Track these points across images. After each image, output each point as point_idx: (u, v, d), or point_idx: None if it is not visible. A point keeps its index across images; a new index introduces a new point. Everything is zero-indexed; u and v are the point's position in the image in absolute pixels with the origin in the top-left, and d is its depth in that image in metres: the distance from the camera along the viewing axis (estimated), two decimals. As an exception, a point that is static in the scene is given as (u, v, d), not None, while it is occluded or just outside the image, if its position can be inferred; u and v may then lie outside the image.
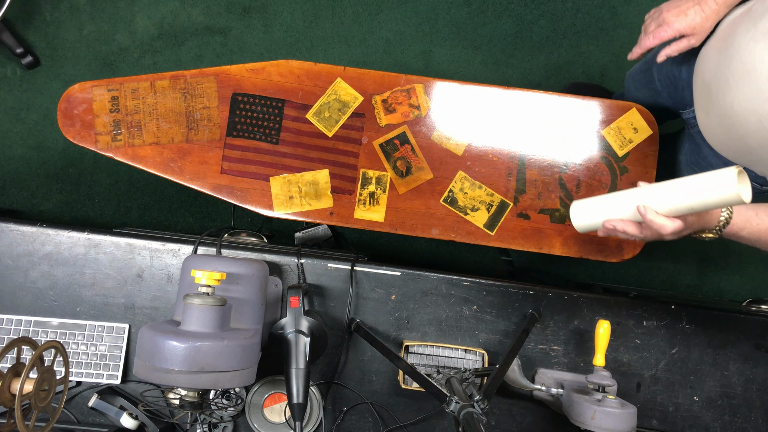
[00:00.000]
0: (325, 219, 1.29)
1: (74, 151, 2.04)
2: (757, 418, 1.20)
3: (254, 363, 0.98)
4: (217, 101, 1.29)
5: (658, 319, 1.20)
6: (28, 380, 0.80)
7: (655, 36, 1.08)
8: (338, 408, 1.18)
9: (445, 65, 2.11)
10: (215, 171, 1.28)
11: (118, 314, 1.17)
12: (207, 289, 0.95)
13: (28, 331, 1.14)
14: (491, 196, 1.29)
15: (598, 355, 1.08)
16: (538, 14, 2.10)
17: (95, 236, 1.18)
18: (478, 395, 0.92)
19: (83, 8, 2.05)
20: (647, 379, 1.20)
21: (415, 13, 2.10)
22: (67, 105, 1.28)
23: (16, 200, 2.03)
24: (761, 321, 1.21)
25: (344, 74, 1.30)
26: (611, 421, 0.98)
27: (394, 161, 1.29)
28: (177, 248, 1.18)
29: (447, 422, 1.19)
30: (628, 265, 2.12)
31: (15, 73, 2.03)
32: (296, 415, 0.98)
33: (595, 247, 1.28)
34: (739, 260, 2.12)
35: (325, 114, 1.30)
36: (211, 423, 1.14)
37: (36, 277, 1.16)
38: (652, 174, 1.29)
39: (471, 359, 1.16)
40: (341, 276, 1.19)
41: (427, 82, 1.30)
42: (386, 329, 1.19)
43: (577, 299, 1.20)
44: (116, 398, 1.12)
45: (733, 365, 1.20)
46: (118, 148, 1.28)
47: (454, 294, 1.19)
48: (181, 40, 2.07)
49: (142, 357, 0.91)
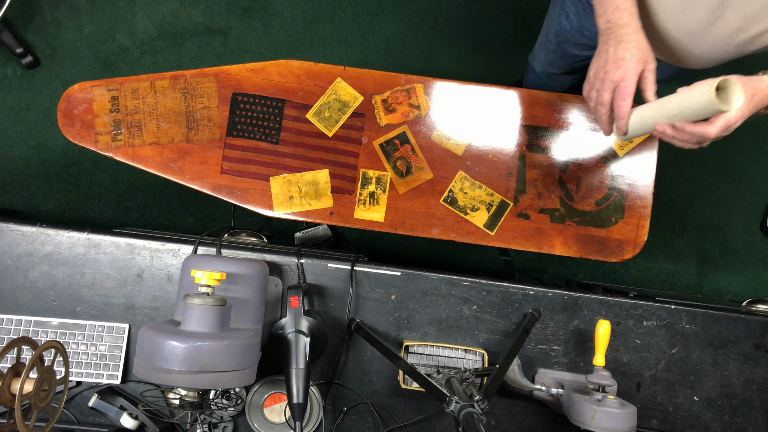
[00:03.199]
0: (325, 219, 1.29)
1: (74, 151, 2.04)
2: (757, 418, 1.20)
3: (254, 363, 0.97)
4: (217, 101, 1.29)
5: (658, 319, 1.20)
6: (28, 380, 0.80)
7: (623, 100, 0.97)
8: (338, 408, 1.18)
9: (445, 65, 2.11)
10: (215, 171, 1.28)
11: (118, 314, 1.17)
12: (207, 289, 0.95)
13: (28, 331, 1.14)
14: (491, 196, 1.29)
15: (598, 355, 1.08)
16: (538, 14, 2.11)
17: (95, 236, 1.18)
18: (478, 395, 0.92)
19: (83, 8, 2.05)
20: (647, 379, 1.20)
21: (415, 13, 2.11)
22: (67, 105, 1.28)
23: (16, 200, 2.03)
24: (761, 321, 1.21)
25: (344, 74, 1.30)
26: (611, 421, 0.98)
27: (394, 161, 1.29)
28: (177, 248, 1.18)
29: (447, 422, 1.19)
30: (628, 265, 2.12)
31: (15, 73, 2.03)
32: (296, 415, 0.98)
33: (595, 247, 1.28)
34: (739, 260, 2.13)
35: (325, 114, 1.30)
36: (211, 423, 1.14)
37: (36, 277, 1.16)
38: (652, 174, 1.29)
39: (471, 359, 1.16)
40: (341, 276, 1.19)
41: (427, 82, 1.30)
42: (386, 329, 1.19)
43: (577, 299, 1.20)
44: (116, 398, 1.12)
45: (733, 365, 1.20)
46: (118, 148, 1.28)
47: (454, 294, 1.19)
48: (181, 40, 2.07)
49: (142, 357, 0.91)
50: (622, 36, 0.96)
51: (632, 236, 1.29)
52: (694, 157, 2.13)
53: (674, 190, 2.12)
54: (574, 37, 1.29)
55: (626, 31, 0.96)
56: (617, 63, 0.96)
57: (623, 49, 0.96)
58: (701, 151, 2.12)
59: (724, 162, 2.13)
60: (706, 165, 2.14)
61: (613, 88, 0.97)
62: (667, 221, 2.12)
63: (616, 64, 0.96)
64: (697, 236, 2.12)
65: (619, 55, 0.96)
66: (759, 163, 2.14)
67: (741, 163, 2.14)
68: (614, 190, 1.29)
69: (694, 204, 2.12)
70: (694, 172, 2.13)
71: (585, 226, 1.29)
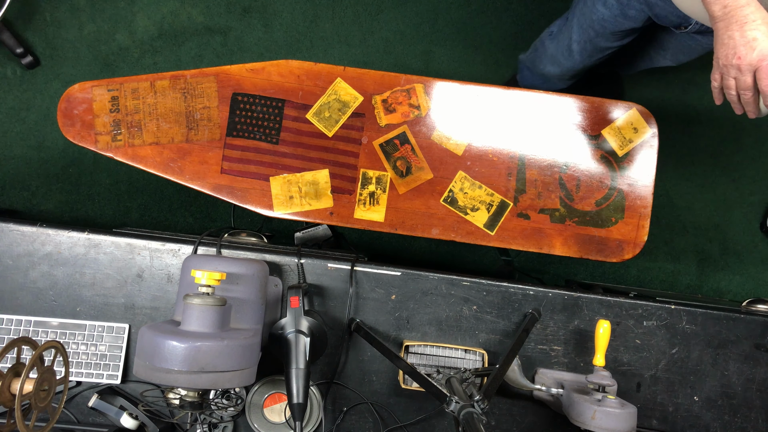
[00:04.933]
0: (325, 219, 1.29)
1: (74, 151, 2.04)
2: (757, 418, 1.20)
3: (254, 363, 0.98)
4: (217, 101, 1.29)
5: (658, 319, 1.20)
6: (28, 380, 0.80)
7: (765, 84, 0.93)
8: (338, 408, 1.18)
9: (445, 65, 2.11)
10: (215, 171, 1.28)
11: (118, 314, 1.17)
12: (207, 289, 0.95)
13: (28, 331, 1.14)
14: (491, 196, 1.29)
15: (598, 355, 1.08)
16: (538, 14, 2.11)
17: (95, 236, 1.18)
18: (478, 395, 0.92)
19: (83, 8, 2.05)
20: (647, 379, 1.20)
21: (415, 13, 2.11)
22: (67, 105, 1.28)
23: (16, 200, 2.03)
24: (761, 321, 1.21)
25: (344, 74, 1.30)
26: (611, 421, 0.98)
27: (394, 161, 1.29)
28: (177, 248, 1.18)
29: (447, 422, 1.19)
30: (628, 265, 2.12)
31: (15, 73, 2.03)
32: (296, 415, 0.98)
33: (595, 247, 1.28)
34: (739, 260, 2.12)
35: (325, 114, 1.30)
36: (211, 423, 1.14)
37: (36, 277, 1.16)
38: (652, 174, 1.29)
39: (471, 359, 1.16)
40: (341, 276, 1.19)
41: (427, 82, 1.30)
42: (386, 329, 1.19)
43: (577, 299, 1.20)
44: (116, 398, 1.12)
45: (733, 365, 1.20)
46: (118, 148, 1.28)
47: (454, 294, 1.19)
48: (181, 40, 2.07)
49: (142, 357, 0.91)
50: (745, 17, 0.94)
51: (632, 236, 1.29)
52: (694, 157, 2.13)
53: (674, 190, 2.12)
54: (614, 25, 1.26)
55: (748, 11, 0.94)
56: (750, 45, 0.94)
57: (751, 29, 0.94)
58: (701, 151, 2.12)
59: (724, 162, 2.13)
60: (706, 165, 2.14)
61: (753, 70, 0.95)
62: (667, 221, 2.12)
63: (749, 46, 0.94)
64: (697, 236, 2.12)
65: (750, 36, 0.94)
66: (759, 163, 2.14)
67: (741, 163, 2.14)
68: (614, 190, 1.29)
69: (694, 204, 2.12)
70: (694, 172, 2.13)
71: (585, 226, 1.29)
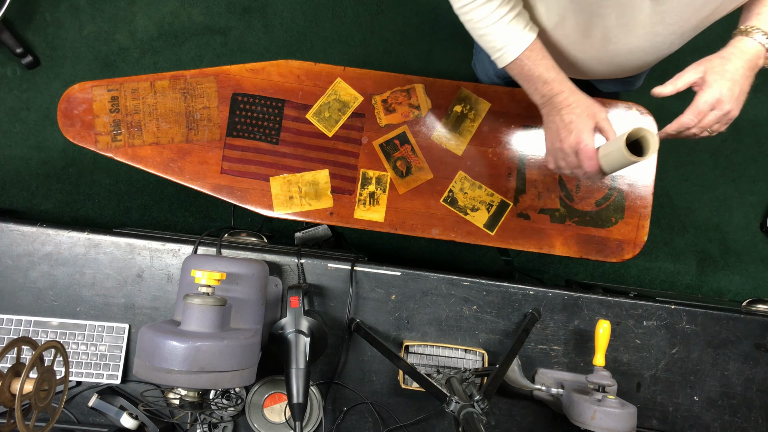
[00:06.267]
0: (325, 219, 1.29)
1: (74, 151, 2.04)
2: (757, 418, 1.20)
3: (254, 363, 0.98)
4: (217, 101, 1.29)
5: (658, 319, 1.20)
6: (28, 380, 0.80)
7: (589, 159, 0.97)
8: (338, 408, 1.18)
9: (445, 65, 2.11)
10: (215, 171, 1.28)
11: (118, 314, 1.17)
12: (207, 289, 0.95)
13: (28, 331, 1.14)
14: (491, 196, 1.29)
15: (598, 355, 1.08)
16: (538, 14, 2.10)
17: (95, 236, 1.18)
18: (478, 395, 0.92)
19: (83, 8, 2.05)
20: (647, 379, 1.20)
21: (415, 13, 2.11)
22: (67, 105, 1.28)
23: (16, 200, 2.03)
24: (761, 321, 1.21)
25: (344, 74, 1.30)
26: (611, 421, 0.98)
27: (394, 161, 1.29)
28: (177, 248, 1.18)
29: (447, 422, 1.19)
30: (628, 265, 2.12)
31: (15, 73, 2.03)
32: (296, 415, 0.98)
33: (595, 247, 1.28)
34: (739, 260, 2.12)
35: (325, 114, 1.30)
36: (211, 423, 1.14)
37: (36, 277, 1.16)
38: (652, 174, 1.29)
39: (471, 359, 1.16)
40: (341, 276, 1.19)
41: (427, 82, 1.30)
42: (386, 329, 1.19)
43: (577, 299, 1.20)
44: (116, 398, 1.12)
45: (733, 365, 1.20)
46: (118, 148, 1.28)
47: (454, 294, 1.19)
48: (181, 40, 2.07)
49: (142, 357, 0.91)
50: (561, 103, 0.98)
51: (632, 236, 1.29)
52: (694, 157, 2.13)
53: (674, 190, 2.12)
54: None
55: (563, 97, 0.98)
56: (568, 128, 0.97)
57: (567, 113, 0.97)
58: (701, 151, 2.12)
59: (724, 162, 2.13)
60: (706, 165, 2.14)
61: (575, 152, 0.98)
62: (667, 221, 2.12)
63: (567, 129, 0.98)
64: (697, 236, 2.12)
65: (567, 120, 0.97)
66: (759, 163, 2.14)
67: (741, 163, 2.14)
68: (614, 190, 1.29)
69: (694, 204, 2.12)
70: (694, 172, 2.13)
71: (585, 226, 1.29)
